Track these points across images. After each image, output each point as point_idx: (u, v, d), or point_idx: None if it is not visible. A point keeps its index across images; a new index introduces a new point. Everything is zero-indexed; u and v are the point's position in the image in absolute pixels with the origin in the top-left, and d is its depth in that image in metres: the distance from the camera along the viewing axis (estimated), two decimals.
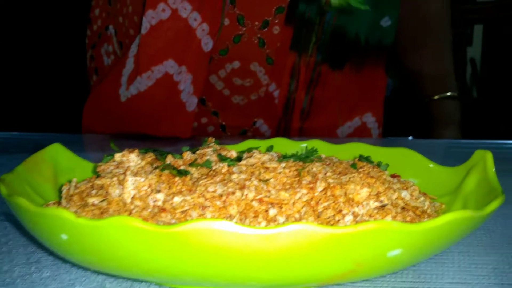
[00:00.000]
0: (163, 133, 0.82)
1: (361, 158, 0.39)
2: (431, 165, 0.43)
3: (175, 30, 0.76)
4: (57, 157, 0.44)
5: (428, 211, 0.35)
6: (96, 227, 0.26)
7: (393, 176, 0.39)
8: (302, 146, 0.50)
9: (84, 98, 0.89)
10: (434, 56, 0.94)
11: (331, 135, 0.86)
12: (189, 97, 0.81)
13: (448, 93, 0.93)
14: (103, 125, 0.86)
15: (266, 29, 0.77)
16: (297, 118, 0.85)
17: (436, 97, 0.93)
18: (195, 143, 0.79)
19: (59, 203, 0.36)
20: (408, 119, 1.14)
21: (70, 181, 0.37)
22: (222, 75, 0.81)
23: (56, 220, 0.27)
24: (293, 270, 0.26)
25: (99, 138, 0.84)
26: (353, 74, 0.84)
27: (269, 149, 0.45)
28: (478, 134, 1.84)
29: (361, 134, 0.87)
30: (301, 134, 0.86)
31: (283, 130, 0.86)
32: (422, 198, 0.35)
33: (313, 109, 0.85)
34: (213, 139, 0.43)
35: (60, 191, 0.38)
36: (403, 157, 0.44)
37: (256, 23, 0.77)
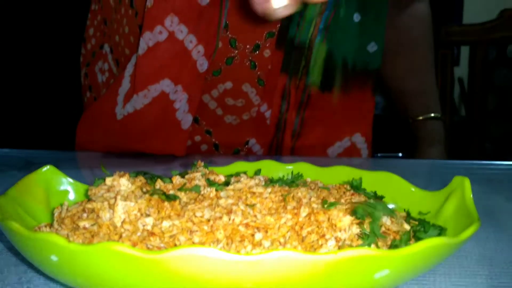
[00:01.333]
0: (158, 151, 0.84)
1: (353, 185, 0.40)
2: (413, 189, 0.44)
3: (172, 52, 0.78)
4: (49, 179, 0.45)
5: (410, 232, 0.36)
6: (86, 252, 0.27)
7: (376, 196, 0.41)
8: (288, 168, 0.51)
9: (77, 115, 0.90)
10: (415, 74, 0.97)
11: (322, 155, 0.88)
12: (184, 116, 0.82)
13: (432, 114, 0.96)
14: (97, 142, 0.87)
15: (257, 52, 0.80)
16: (288, 138, 0.87)
17: (420, 117, 0.96)
18: (189, 161, 0.80)
19: (51, 226, 0.37)
20: (398, 136, 1.16)
21: (62, 205, 0.38)
22: (215, 95, 0.83)
23: (48, 244, 0.28)
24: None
25: (91, 156, 0.84)
26: (341, 97, 0.86)
27: (257, 172, 0.46)
28: (465, 154, 1.87)
29: (351, 153, 0.89)
30: (293, 153, 0.88)
31: (275, 149, 0.87)
32: (403, 222, 0.37)
33: (303, 129, 0.87)
34: (202, 163, 0.44)
35: (52, 214, 0.39)
36: (386, 181, 0.46)
37: (248, 46, 0.80)
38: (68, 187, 0.46)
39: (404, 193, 0.44)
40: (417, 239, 0.36)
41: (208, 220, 0.33)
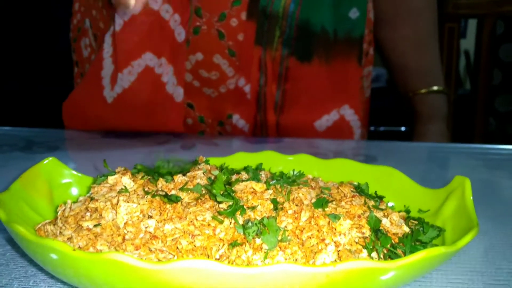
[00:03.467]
0: (156, 128, 0.84)
1: (357, 188, 0.40)
2: (414, 186, 0.44)
3: (149, 23, 0.77)
4: (51, 171, 0.45)
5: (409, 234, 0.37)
6: (90, 261, 0.28)
7: (377, 196, 0.41)
8: (289, 159, 0.51)
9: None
10: (417, 47, 0.93)
11: (308, 129, 0.87)
12: (174, 89, 0.82)
13: (435, 88, 0.92)
14: (89, 125, 0.87)
15: (223, 21, 0.78)
16: (271, 112, 0.85)
17: (422, 91, 0.93)
18: (188, 143, 0.81)
19: (55, 223, 0.38)
20: (402, 109, 1.13)
21: (65, 202, 0.39)
22: (188, 67, 0.83)
23: (53, 251, 0.29)
24: None
25: (90, 136, 0.85)
26: (323, 67, 0.83)
27: (259, 166, 0.46)
28: (469, 129, 1.86)
29: (341, 127, 0.87)
30: (279, 129, 0.87)
31: (260, 125, 0.87)
32: (402, 223, 0.37)
33: (286, 103, 0.85)
34: (204, 159, 0.44)
35: (56, 211, 0.39)
36: (387, 177, 0.46)
37: (214, 15, 0.78)
38: (70, 179, 0.46)
39: (405, 189, 0.44)
40: (416, 241, 0.36)
41: (209, 224, 0.33)
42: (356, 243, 0.34)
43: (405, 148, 0.82)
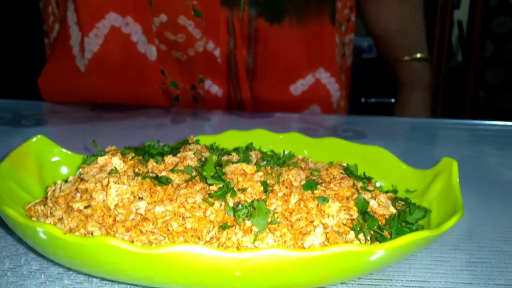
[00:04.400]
0: (135, 92, 0.82)
1: (347, 169, 0.41)
2: (401, 166, 0.45)
3: None
4: (40, 150, 0.45)
5: (396, 215, 0.37)
6: (82, 245, 0.28)
7: (365, 178, 0.42)
8: (280, 137, 0.51)
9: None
10: (399, 14, 0.92)
11: (284, 94, 0.85)
12: (146, 47, 0.80)
13: (418, 55, 0.91)
14: (70, 99, 0.86)
15: None
16: (243, 77, 0.84)
17: (405, 58, 0.91)
18: (178, 117, 0.80)
19: (45, 203, 0.38)
20: (393, 81, 1.13)
21: (55, 183, 0.39)
22: (153, 30, 0.81)
23: (44, 234, 0.29)
24: (264, 284, 0.29)
25: (77, 109, 0.83)
26: (294, 29, 0.81)
27: (250, 146, 0.46)
28: (459, 101, 1.87)
29: (317, 91, 0.86)
30: (253, 94, 0.85)
31: (234, 90, 0.85)
32: (389, 205, 0.38)
33: (258, 67, 0.83)
34: (194, 138, 0.44)
35: (46, 191, 0.39)
36: (376, 156, 0.47)
37: None
38: (59, 157, 0.46)
39: (393, 169, 0.45)
40: (403, 221, 0.37)
41: (200, 206, 0.33)
42: (344, 224, 0.34)
43: (394, 124, 0.82)
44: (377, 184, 0.44)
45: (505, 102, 1.82)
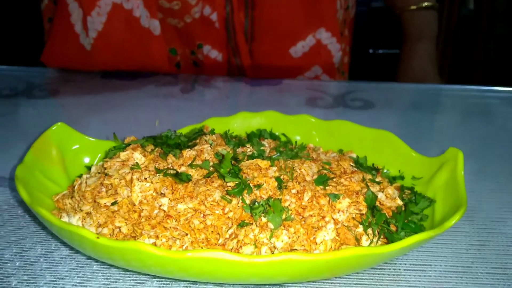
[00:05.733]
0: (143, 66, 0.84)
1: (357, 162, 0.42)
2: (409, 152, 0.46)
3: None
4: (61, 137, 0.46)
5: (402, 207, 0.40)
6: (114, 248, 0.31)
7: (373, 169, 0.44)
8: (291, 119, 0.53)
9: None
10: None
11: (284, 57, 0.85)
12: (150, 22, 0.81)
13: (425, 3, 0.89)
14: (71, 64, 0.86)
15: None
16: (242, 41, 0.83)
17: (411, 7, 0.89)
18: (187, 87, 0.81)
19: (71, 196, 0.40)
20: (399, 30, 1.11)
21: (80, 176, 0.41)
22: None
23: (79, 237, 0.32)
24: (276, 279, 0.32)
25: (88, 77, 0.84)
26: None
27: (262, 132, 0.48)
28: (468, 52, 1.83)
29: (318, 51, 0.85)
30: (252, 57, 0.85)
31: (233, 54, 0.86)
32: (396, 197, 0.40)
33: (256, 30, 0.83)
34: (209, 128, 0.45)
35: (72, 183, 0.42)
36: (385, 141, 0.48)
37: None
38: (79, 144, 0.47)
39: (401, 155, 0.47)
40: (409, 212, 0.39)
41: (219, 203, 0.36)
42: (353, 218, 0.37)
43: (402, 91, 0.83)
44: (385, 171, 0.46)
45: None
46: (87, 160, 0.47)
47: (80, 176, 0.42)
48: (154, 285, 0.37)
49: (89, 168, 0.46)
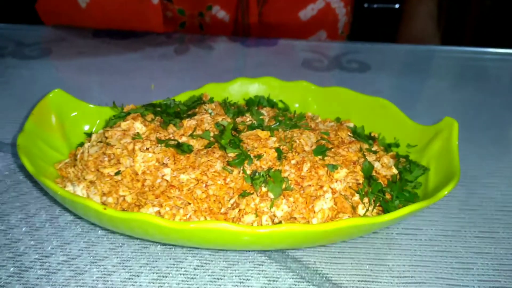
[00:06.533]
0: (138, 28, 0.83)
1: (355, 132, 0.43)
2: (404, 120, 0.47)
3: None
4: (59, 104, 0.46)
5: (396, 176, 0.41)
6: (121, 220, 0.32)
7: (370, 138, 0.45)
8: (289, 85, 0.53)
9: None
10: None
11: (292, 19, 0.86)
12: None
13: None
14: (71, 23, 0.85)
15: None
16: (254, 4, 0.84)
17: None
18: (182, 47, 0.80)
19: (74, 165, 0.41)
20: None
21: (82, 145, 0.41)
22: None
23: (86, 208, 0.33)
24: (276, 246, 0.34)
25: (80, 34, 0.82)
26: None
27: (261, 100, 0.48)
28: (463, 10, 1.81)
29: (326, 15, 0.87)
30: (261, 18, 0.85)
31: (242, 15, 0.86)
32: (391, 165, 0.41)
33: None
34: (208, 96, 0.46)
35: (71, 148, 0.42)
36: (381, 109, 0.49)
37: None
38: (78, 110, 0.47)
39: (397, 122, 0.47)
40: (403, 180, 0.41)
41: (220, 174, 0.37)
42: (350, 187, 0.38)
43: (398, 53, 0.83)
44: (381, 138, 0.47)
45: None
46: (86, 127, 0.47)
47: (81, 144, 0.42)
48: (158, 249, 0.39)
49: (88, 135, 0.46)
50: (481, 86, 0.71)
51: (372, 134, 0.47)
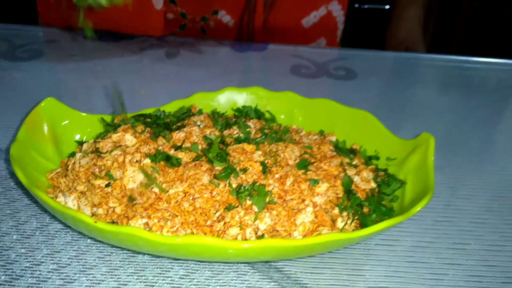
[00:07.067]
0: (135, 32, 0.84)
1: (337, 146, 0.45)
2: (385, 133, 0.49)
3: None
4: (52, 113, 0.48)
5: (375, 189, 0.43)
6: (111, 233, 0.33)
7: (351, 151, 0.47)
8: (275, 96, 0.54)
9: None
10: None
11: (296, 25, 0.88)
12: None
13: None
14: (67, 22, 0.86)
15: None
16: (260, 10, 0.86)
17: None
18: (174, 51, 0.81)
19: (65, 175, 0.42)
20: None
21: (73, 156, 0.43)
22: None
23: (78, 221, 0.34)
24: (258, 259, 0.35)
25: (73, 37, 0.83)
26: None
27: (248, 111, 0.50)
28: (452, 13, 1.83)
29: (327, 23, 0.90)
30: (266, 24, 0.87)
31: (247, 21, 0.88)
32: (370, 179, 0.43)
33: (277, 0, 0.86)
34: (197, 108, 0.47)
35: (66, 160, 0.43)
36: (363, 121, 0.50)
37: None
38: (69, 119, 0.49)
39: (378, 135, 0.49)
40: (381, 194, 0.43)
41: (207, 187, 0.38)
42: (330, 201, 0.40)
43: (385, 60, 0.85)
44: (362, 151, 0.49)
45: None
46: (77, 136, 0.49)
47: (72, 154, 0.44)
48: (145, 259, 0.40)
49: (80, 143, 0.47)
50: (465, 95, 0.73)
51: (354, 147, 0.49)
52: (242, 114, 0.51)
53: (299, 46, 0.87)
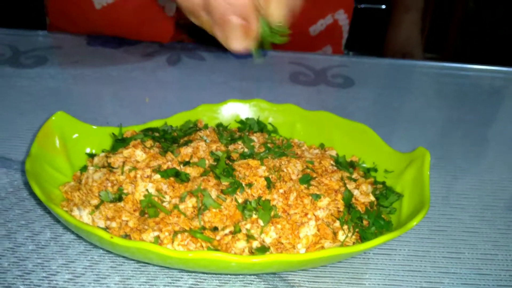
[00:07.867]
0: (144, 38, 0.86)
1: (337, 161, 0.47)
2: (382, 146, 0.51)
3: None
4: (62, 126, 0.49)
5: (374, 202, 0.45)
6: (125, 248, 0.35)
7: (351, 164, 0.49)
8: (277, 109, 0.56)
9: None
10: None
11: (303, 33, 0.90)
12: (166, 1, 0.82)
13: None
14: (75, 26, 0.87)
15: None
16: None
17: None
18: (173, 58, 0.83)
19: (79, 188, 0.44)
20: None
21: (85, 169, 0.45)
22: None
23: (95, 237, 0.36)
24: (265, 271, 0.38)
25: (75, 43, 0.85)
26: None
27: (252, 125, 0.52)
28: (447, 16, 1.85)
29: (332, 31, 0.92)
30: None
31: None
32: (369, 192, 0.45)
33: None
34: (203, 123, 0.49)
35: (79, 175, 0.45)
36: (361, 134, 0.53)
37: None
38: (79, 133, 0.50)
39: (375, 148, 0.51)
40: (379, 207, 0.45)
41: (215, 202, 0.40)
42: (332, 214, 0.42)
43: (381, 68, 0.87)
44: (362, 165, 0.52)
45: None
46: (87, 149, 0.50)
47: (84, 167, 0.45)
48: (156, 268, 0.42)
49: (90, 155, 0.49)
50: (459, 103, 0.76)
51: (353, 159, 0.51)
52: (246, 126, 0.53)
53: (298, 52, 0.89)
